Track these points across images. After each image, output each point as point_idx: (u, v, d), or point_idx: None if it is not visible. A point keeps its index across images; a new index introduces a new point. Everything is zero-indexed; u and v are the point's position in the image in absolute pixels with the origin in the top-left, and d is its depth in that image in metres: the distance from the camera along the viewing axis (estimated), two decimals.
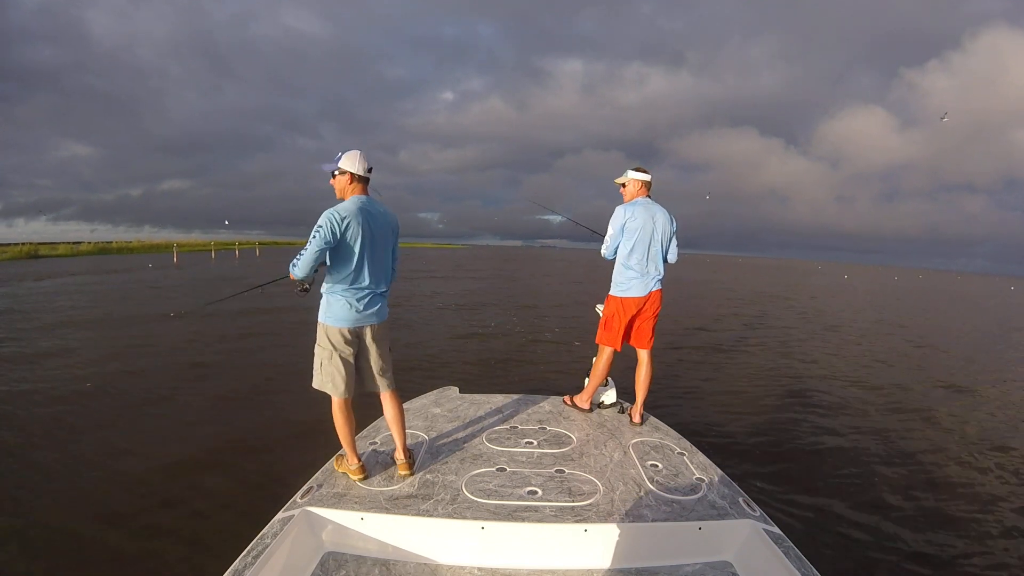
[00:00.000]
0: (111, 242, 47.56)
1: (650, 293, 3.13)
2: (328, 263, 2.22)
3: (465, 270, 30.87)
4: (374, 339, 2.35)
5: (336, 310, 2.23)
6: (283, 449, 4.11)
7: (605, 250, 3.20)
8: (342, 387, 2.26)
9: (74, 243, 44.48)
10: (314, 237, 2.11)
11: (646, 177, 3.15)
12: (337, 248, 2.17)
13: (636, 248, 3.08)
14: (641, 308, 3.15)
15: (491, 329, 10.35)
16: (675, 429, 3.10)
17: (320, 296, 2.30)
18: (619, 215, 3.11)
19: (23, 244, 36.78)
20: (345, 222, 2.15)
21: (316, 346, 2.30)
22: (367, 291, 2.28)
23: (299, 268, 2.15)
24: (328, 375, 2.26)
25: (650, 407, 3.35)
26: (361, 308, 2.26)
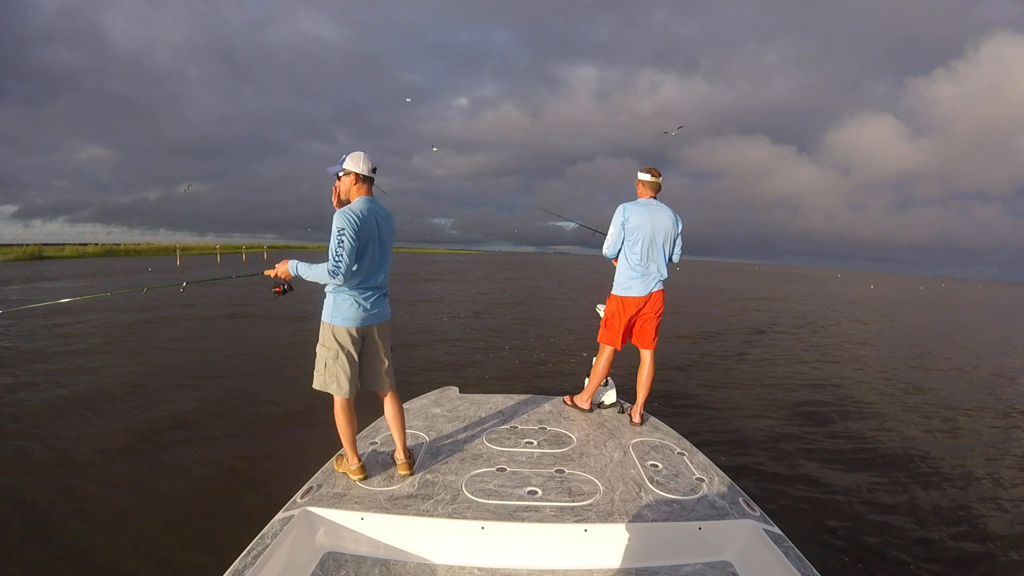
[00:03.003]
0: (119, 244, 47.86)
1: (651, 293, 3.12)
2: None
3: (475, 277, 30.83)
4: (379, 338, 2.37)
5: (344, 309, 2.24)
6: (283, 449, 4.13)
7: (606, 249, 3.21)
8: (347, 387, 2.27)
9: (81, 245, 44.82)
10: (342, 241, 2.11)
11: (647, 177, 3.14)
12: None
13: (636, 248, 3.08)
14: (642, 308, 3.14)
15: (493, 329, 10.36)
16: (675, 429, 3.09)
17: (324, 297, 2.30)
18: (618, 214, 3.11)
19: (27, 245, 36.90)
20: (362, 222, 2.17)
21: (319, 346, 2.29)
22: (374, 291, 2.30)
23: (343, 272, 2.13)
24: (333, 375, 2.26)
25: (651, 407, 3.34)
26: (369, 307, 2.28)
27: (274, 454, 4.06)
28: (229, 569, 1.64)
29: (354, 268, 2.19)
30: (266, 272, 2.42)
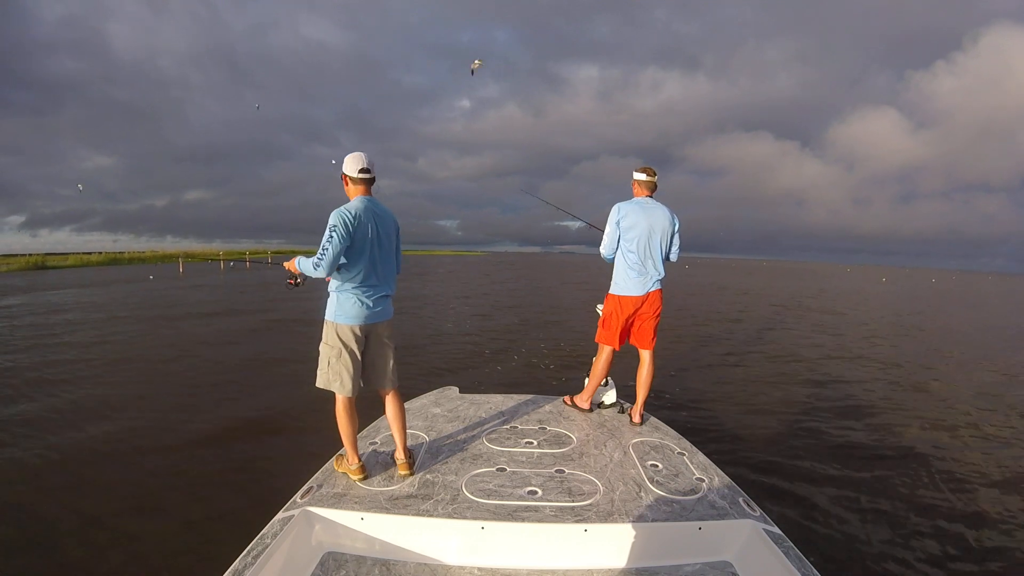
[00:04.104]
0: (123, 253, 48.07)
1: (649, 293, 3.12)
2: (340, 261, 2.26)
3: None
4: (381, 337, 2.39)
5: (348, 308, 2.26)
6: (283, 449, 4.14)
7: (603, 249, 3.21)
8: (349, 385, 2.28)
9: (85, 253, 45.07)
10: (331, 236, 2.15)
11: (643, 177, 3.14)
12: (349, 246, 2.22)
13: (633, 247, 3.08)
14: (639, 308, 3.14)
15: (494, 329, 10.36)
16: (675, 429, 3.09)
17: (327, 295, 2.33)
18: (613, 213, 3.12)
19: (30, 255, 37.10)
20: (356, 220, 2.20)
21: (322, 344, 2.31)
22: (376, 289, 2.33)
23: (324, 267, 2.17)
24: (336, 373, 2.28)
25: (651, 407, 3.34)
26: (372, 305, 2.30)
27: (274, 454, 4.06)
28: (229, 569, 1.65)
29: (343, 262, 2.22)
30: (285, 264, 2.51)
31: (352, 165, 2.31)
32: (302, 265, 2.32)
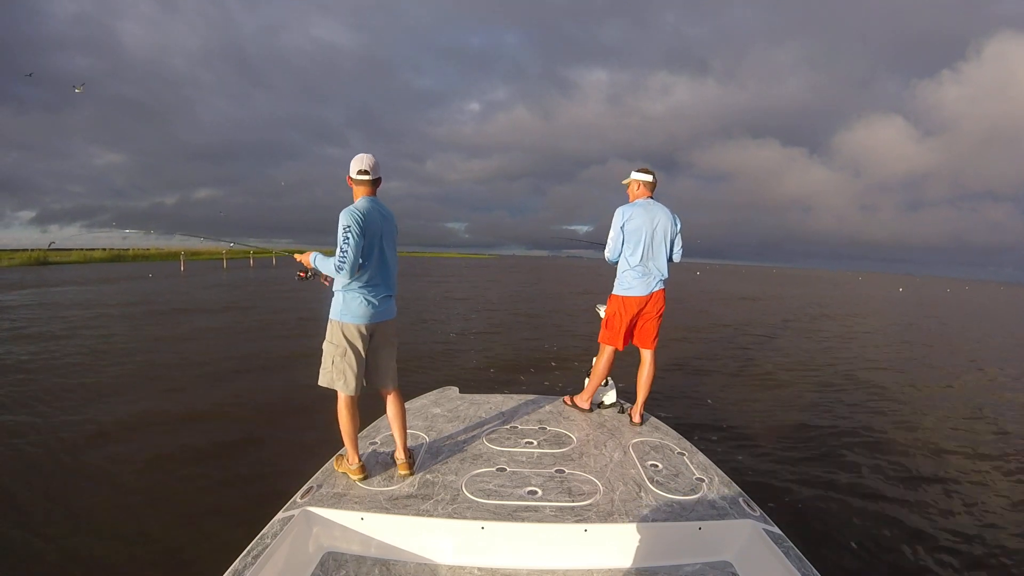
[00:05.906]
0: (127, 249, 48.07)
1: (652, 293, 3.12)
2: None
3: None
4: (385, 336, 2.40)
5: (354, 307, 2.27)
6: (283, 449, 4.14)
7: (608, 253, 3.20)
8: (353, 384, 2.29)
9: (88, 249, 45.16)
10: (347, 237, 2.16)
11: (647, 178, 3.13)
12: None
13: (637, 248, 3.07)
14: (643, 308, 3.14)
15: (494, 330, 10.36)
16: (675, 429, 3.08)
17: (331, 294, 2.34)
18: (617, 217, 3.11)
19: (32, 251, 37.22)
20: (366, 219, 2.22)
21: (326, 343, 2.32)
22: (381, 288, 2.34)
23: (347, 269, 2.18)
24: (340, 371, 2.28)
25: (651, 408, 3.34)
26: (377, 304, 2.32)
27: (274, 454, 4.07)
28: (229, 569, 1.65)
29: (361, 262, 2.23)
30: (297, 256, 2.50)
31: (352, 166, 2.33)
32: (319, 263, 2.31)
